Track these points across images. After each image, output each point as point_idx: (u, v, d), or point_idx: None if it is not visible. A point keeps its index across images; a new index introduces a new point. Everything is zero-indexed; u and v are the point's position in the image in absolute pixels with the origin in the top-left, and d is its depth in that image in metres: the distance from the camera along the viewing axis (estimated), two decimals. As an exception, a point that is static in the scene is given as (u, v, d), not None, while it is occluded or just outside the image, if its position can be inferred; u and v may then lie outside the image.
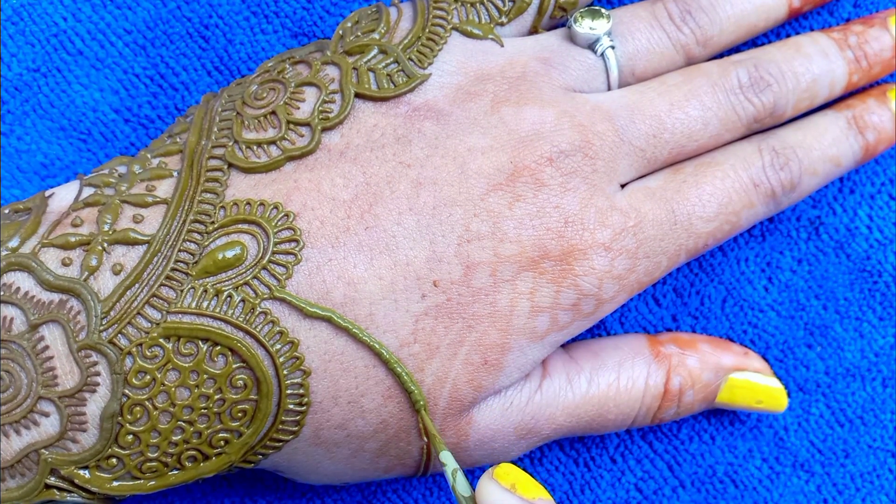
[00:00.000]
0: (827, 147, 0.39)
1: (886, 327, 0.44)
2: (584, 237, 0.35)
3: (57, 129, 0.42)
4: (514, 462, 0.36)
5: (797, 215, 0.43)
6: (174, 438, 0.32)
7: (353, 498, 0.43)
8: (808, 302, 0.44)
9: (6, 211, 0.35)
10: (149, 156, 0.36)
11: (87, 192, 0.35)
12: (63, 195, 0.35)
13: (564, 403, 0.37)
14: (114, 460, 0.32)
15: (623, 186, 0.37)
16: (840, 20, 0.43)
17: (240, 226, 0.33)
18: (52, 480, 0.32)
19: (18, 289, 0.32)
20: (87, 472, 0.32)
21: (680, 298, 0.43)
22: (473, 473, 0.43)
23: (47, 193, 0.35)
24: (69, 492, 0.32)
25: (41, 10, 0.42)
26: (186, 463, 0.33)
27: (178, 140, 0.36)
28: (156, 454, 0.32)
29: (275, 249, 0.32)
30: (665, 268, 0.37)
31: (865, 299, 0.44)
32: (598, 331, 0.43)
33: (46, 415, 0.31)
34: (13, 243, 0.33)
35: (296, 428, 0.33)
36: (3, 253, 0.32)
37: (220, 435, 0.32)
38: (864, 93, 0.41)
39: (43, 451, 0.31)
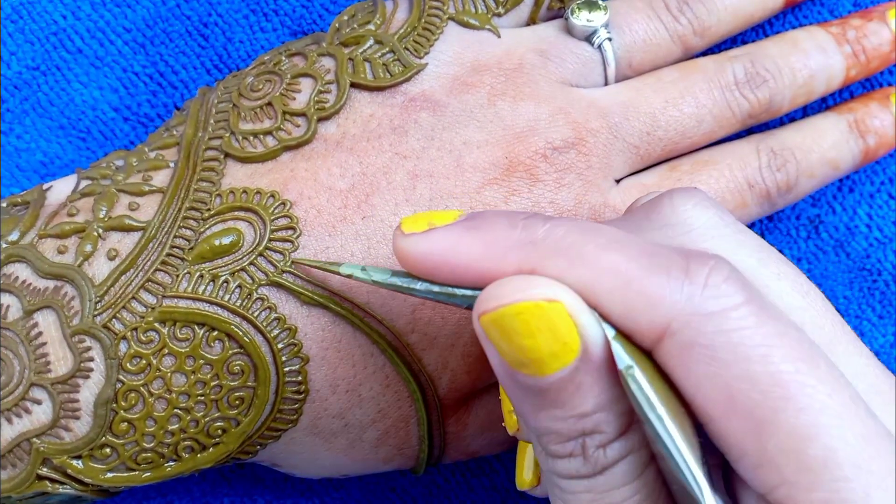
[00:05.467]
0: (826, 150, 0.39)
1: (886, 326, 0.43)
2: None
3: (56, 127, 0.42)
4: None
5: (797, 214, 0.43)
6: (170, 427, 0.32)
7: (352, 497, 0.43)
8: (807, 300, 0.43)
9: (4, 205, 0.35)
10: (146, 149, 0.36)
11: (84, 184, 0.35)
12: (61, 188, 0.35)
13: None
14: (107, 450, 0.31)
15: (618, 182, 0.37)
16: (838, 17, 0.43)
17: (236, 213, 0.33)
18: (44, 471, 0.31)
19: (17, 278, 0.32)
20: (79, 462, 0.31)
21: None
22: (467, 464, 0.43)
23: (45, 187, 0.35)
24: (62, 483, 0.32)
25: (41, 8, 0.42)
26: (183, 454, 0.32)
27: (174, 133, 0.36)
28: (151, 444, 0.32)
29: (271, 237, 0.32)
30: None
31: (865, 298, 0.43)
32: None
33: (39, 402, 0.31)
34: (13, 236, 0.33)
35: (294, 416, 0.33)
36: (3, 246, 0.32)
37: (218, 424, 0.32)
38: (867, 96, 0.41)
39: (35, 440, 0.31)
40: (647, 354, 0.24)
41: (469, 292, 0.26)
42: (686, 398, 0.24)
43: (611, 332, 0.24)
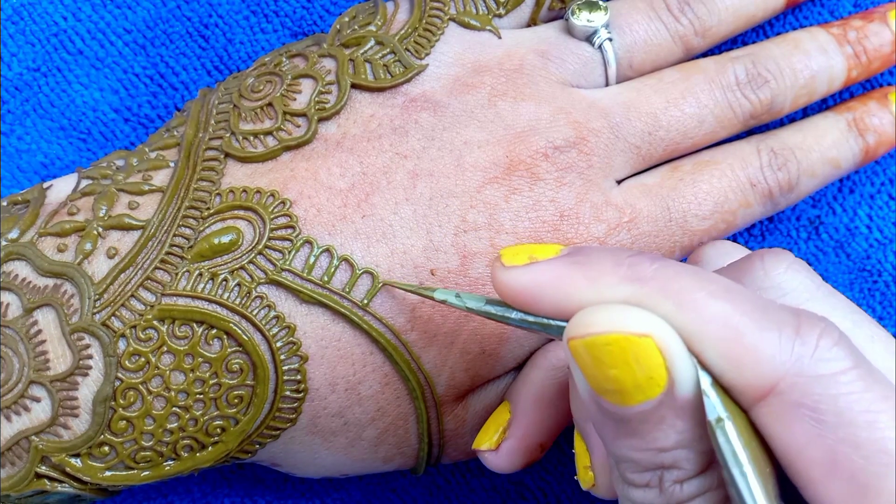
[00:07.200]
0: (826, 149, 0.39)
1: (886, 327, 0.43)
2: (578, 231, 0.35)
3: (57, 128, 0.42)
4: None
5: (797, 215, 0.43)
6: (169, 426, 0.32)
7: (352, 497, 0.43)
8: (808, 301, 0.43)
9: (5, 203, 0.35)
10: (147, 149, 0.36)
11: (85, 183, 0.35)
12: (61, 187, 0.35)
13: None
14: (106, 448, 0.31)
15: (619, 183, 0.37)
16: (839, 17, 0.43)
17: (236, 212, 0.33)
18: (42, 469, 0.31)
19: (17, 276, 0.32)
20: (78, 460, 0.31)
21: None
22: (467, 464, 0.43)
23: (45, 185, 0.35)
24: (60, 482, 0.31)
25: (41, 9, 0.42)
26: (182, 453, 0.32)
27: (175, 133, 0.36)
28: (150, 442, 0.32)
29: (271, 235, 0.32)
30: None
31: (865, 299, 0.43)
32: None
33: (38, 400, 0.31)
34: (13, 234, 0.33)
35: (293, 415, 0.33)
36: (3, 244, 0.32)
37: (217, 422, 0.32)
38: (866, 95, 0.41)
39: (34, 437, 0.31)
40: (738, 406, 0.24)
41: (565, 324, 0.26)
42: (782, 458, 0.24)
43: (706, 380, 0.24)
